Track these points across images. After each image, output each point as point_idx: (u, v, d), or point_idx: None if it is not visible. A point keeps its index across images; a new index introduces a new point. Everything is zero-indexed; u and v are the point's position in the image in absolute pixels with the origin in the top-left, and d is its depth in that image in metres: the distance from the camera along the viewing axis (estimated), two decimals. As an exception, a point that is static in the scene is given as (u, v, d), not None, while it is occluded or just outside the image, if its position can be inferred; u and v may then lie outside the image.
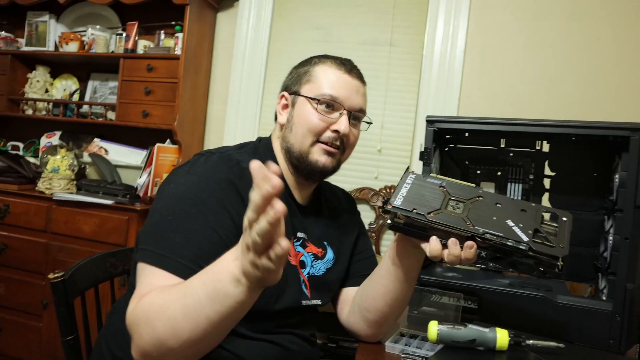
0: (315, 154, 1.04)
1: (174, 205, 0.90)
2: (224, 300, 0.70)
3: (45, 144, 2.71)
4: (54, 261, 2.24)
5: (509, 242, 0.81)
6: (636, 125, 1.00)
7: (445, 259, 0.85)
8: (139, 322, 0.77)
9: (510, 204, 0.89)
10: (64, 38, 2.56)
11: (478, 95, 2.21)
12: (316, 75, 1.07)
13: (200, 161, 0.97)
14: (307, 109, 1.05)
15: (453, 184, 0.94)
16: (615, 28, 2.03)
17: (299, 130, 1.05)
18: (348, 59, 1.11)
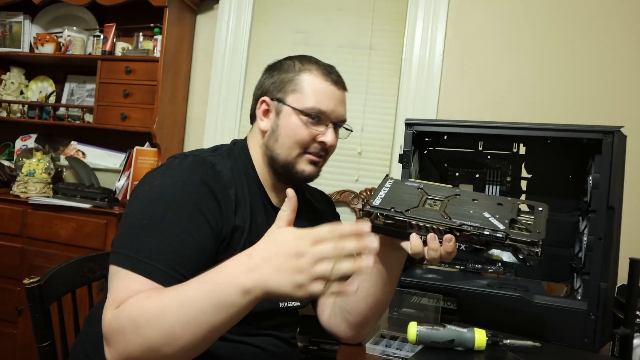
0: (301, 164, 1.06)
1: (149, 209, 0.88)
2: (230, 309, 0.71)
3: (21, 147, 2.66)
4: (29, 266, 2.20)
5: (485, 232, 0.82)
6: (608, 128, 1.02)
7: (426, 256, 0.86)
8: (125, 329, 0.74)
9: (487, 199, 0.91)
10: (40, 39, 2.51)
11: (456, 98, 2.24)
12: (303, 86, 1.06)
13: (175, 164, 0.96)
14: (294, 121, 1.04)
15: (431, 186, 0.95)
16: (588, 34, 2.08)
17: (285, 141, 1.04)
18: (332, 66, 1.11)
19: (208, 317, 0.71)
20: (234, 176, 1.00)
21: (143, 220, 0.87)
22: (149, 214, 0.88)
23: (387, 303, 1.05)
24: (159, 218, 0.87)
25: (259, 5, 2.53)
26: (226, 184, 0.96)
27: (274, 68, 1.12)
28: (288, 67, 1.09)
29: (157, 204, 0.89)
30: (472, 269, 1.27)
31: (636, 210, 1.90)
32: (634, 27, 2.03)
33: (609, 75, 2.05)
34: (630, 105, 2.02)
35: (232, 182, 0.98)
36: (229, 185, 0.96)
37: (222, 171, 0.97)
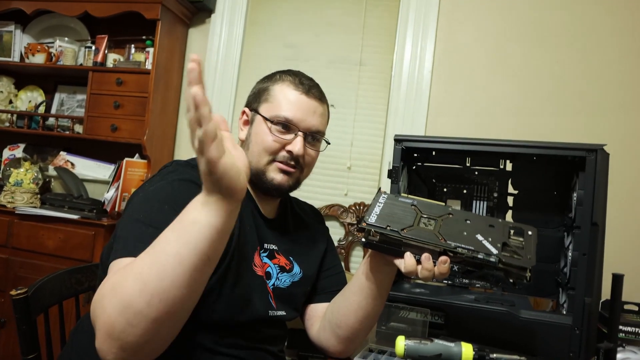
0: (271, 172, 1.06)
1: (145, 206, 0.88)
2: (192, 228, 0.68)
3: (8, 156, 2.64)
4: (14, 277, 2.17)
5: (479, 256, 0.83)
6: (591, 146, 1.05)
7: (419, 275, 0.86)
8: (104, 296, 0.70)
9: (479, 220, 0.92)
10: (31, 49, 2.51)
11: (445, 114, 2.27)
12: (274, 95, 1.07)
13: (168, 168, 0.99)
14: (262, 129, 1.06)
15: (424, 203, 0.96)
16: (573, 53, 2.13)
17: (255, 149, 1.06)
18: (309, 78, 1.11)
19: (172, 244, 0.68)
20: None
21: (139, 216, 0.86)
22: (145, 210, 0.87)
23: (376, 317, 1.06)
24: (155, 211, 0.86)
25: (250, 19, 2.55)
26: None
27: (259, 81, 1.15)
28: (267, 78, 1.12)
29: (153, 200, 0.89)
30: (459, 284, 1.28)
31: (619, 227, 1.94)
32: (617, 47, 2.08)
33: (594, 94, 2.09)
34: (612, 124, 2.06)
35: None
36: None
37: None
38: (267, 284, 1.06)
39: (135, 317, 0.67)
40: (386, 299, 1.04)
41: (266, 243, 1.09)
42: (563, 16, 2.15)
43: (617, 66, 2.08)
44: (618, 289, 1.07)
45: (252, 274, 1.02)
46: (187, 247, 0.67)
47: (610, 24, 2.09)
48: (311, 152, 1.09)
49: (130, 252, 0.78)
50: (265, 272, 1.06)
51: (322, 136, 1.11)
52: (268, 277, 1.07)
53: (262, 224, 1.09)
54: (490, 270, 0.84)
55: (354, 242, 2.29)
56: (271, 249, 1.09)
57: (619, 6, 2.09)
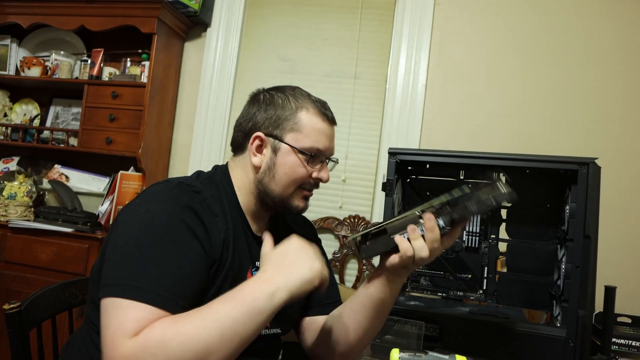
0: (296, 200, 1.07)
1: (143, 236, 0.87)
2: (259, 317, 0.80)
3: (2, 169, 2.63)
4: (6, 291, 2.16)
5: (453, 193, 0.86)
6: (584, 159, 1.06)
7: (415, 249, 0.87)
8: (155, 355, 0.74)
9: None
10: (26, 62, 2.52)
11: (439, 127, 2.28)
12: (302, 125, 1.04)
13: (160, 189, 0.96)
14: (293, 160, 1.04)
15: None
16: (565, 67, 2.16)
17: (283, 179, 1.04)
18: (324, 102, 1.10)
19: (240, 328, 0.78)
20: (217, 203, 1.00)
21: (140, 248, 0.85)
22: (143, 241, 0.86)
23: (375, 334, 1.06)
24: (155, 245, 0.85)
25: (246, 33, 2.58)
26: (213, 212, 0.96)
27: (264, 102, 1.09)
28: (283, 104, 1.07)
29: (150, 230, 0.87)
30: (454, 296, 1.29)
31: (611, 239, 1.95)
32: (609, 62, 2.11)
33: (585, 108, 2.12)
34: (604, 138, 2.08)
35: (219, 210, 0.98)
36: (215, 214, 0.96)
37: (208, 199, 0.97)
38: None
39: None
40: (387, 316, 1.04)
41: (257, 261, 1.07)
42: (556, 30, 2.18)
43: (610, 80, 2.11)
44: (611, 301, 1.08)
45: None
46: (251, 331, 0.80)
47: (604, 38, 2.13)
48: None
49: (136, 295, 0.79)
50: None
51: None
52: None
53: (254, 243, 1.08)
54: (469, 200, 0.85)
55: (348, 255, 2.29)
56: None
57: (612, 20, 2.12)
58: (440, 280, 1.29)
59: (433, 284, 1.30)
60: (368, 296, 0.99)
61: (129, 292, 0.80)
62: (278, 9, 2.54)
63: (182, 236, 0.88)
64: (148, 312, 0.78)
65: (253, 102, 1.11)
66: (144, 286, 0.80)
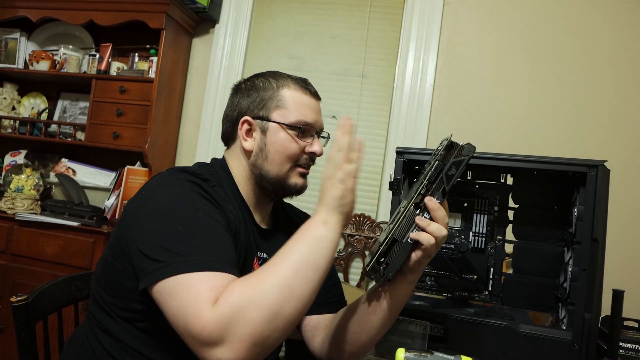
0: (293, 178, 1.07)
1: (175, 217, 0.86)
2: (321, 243, 0.82)
3: (10, 162, 2.65)
4: (12, 284, 2.17)
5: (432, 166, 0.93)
6: (592, 162, 1.05)
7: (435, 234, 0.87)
8: (244, 308, 0.73)
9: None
10: (35, 56, 2.53)
11: (446, 128, 2.28)
12: (286, 101, 1.07)
13: (167, 175, 0.96)
14: (283, 137, 1.05)
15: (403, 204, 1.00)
16: (574, 68, 2.14)
17: (276, 157, 1.05)
18: (305, 79, 1.14)
19: (310, 258, 0.80)
20: (226, 192, 1.02)
21: (178, 226, 0.84)
22: (178, 220, 0.85)
23: (384, 333, 1.06)
24: (192, 219, 0.85)
25: (254, 30, 2.57)
26: (223, 199, 0.98)
27: (247, 88, 1.11)
28: (264, 86, 1.10)
29: (179, 209, 0.87)
30: (459, 297, 1.28)
31: (619, 243, 1.94)
32: (619, 63, 2.09)
33: (594, 110, 2.11)
34: (613, 140, 2.07)
35: (226, 199, 1.00)
36: (227, 201, 0.99)
37: (216, 186, 0.99)
38: None
39: (282, 322, 0.75)
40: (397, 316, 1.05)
41: (260, 252, 1.09)
42: (564, 31, 2.17)
43: (619, 82, 2.09)
44: (618, 305, 1.07)
45: None
46: (320, 258, 0.81)
47: (613, 39, 2.11)
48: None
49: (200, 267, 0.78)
50: None
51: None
52: None
53: (256, 233, 1.09)
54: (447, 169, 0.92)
55: (353, 254, 2.29)
56: (264, 258, 1.09)
57: (621, 21, 2.11)
58: (446, 280, 1.29)
59: (438, 284, 1.30)
60: (389, 298, 0.98)
61: (190, 266, 0.78)
62: (286, 7, 2.54)
63: (211, 208, 0.90)
64: (218, 279, 0.77)
65: (236, 92, 1.14)
66: (204, 257, 0.80)
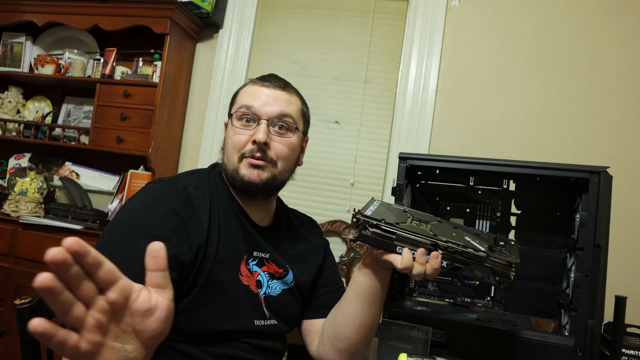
0: (242, 169, 1.05)
1: (116, 230, 0.93)
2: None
3: (14, 165, 2.66)
4: (15, 286, 2.17)
5: (469, 250, 0.86)
6: (595, 168, 1.06)
7: (413, 271, 0.87)
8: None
9: (466, 229, 0.98)
10: (40, 60, 2.54)
11: (448, 133, 2.28)
12: (239, 95, 1.13)
13: (148, 187, 1.01)
14: (230, 128, 1.10)
15: (415, 211, 1.02)
16: (576, 76, 2.15)
17: (228, 149, 1.09)
18: (274, 74, 1.16)
19: None
20: (207, 197, 1.03)
21: (108, 241, 0.91)
22: (113, 234, 0.92)
23: (375, 326, 1.06)
24: (122, 239, 0.90)
25: (258, 35, 2.59)
26: (196, 207, 0.99)
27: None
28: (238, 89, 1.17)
29: (124, 225, 0.93)
30: (461, 302, 1.28)
31: (622, 249, 1.93)
32: (621, 70, 2.10)
33: (597, 116, 2.11)
34: (616, 147, 2.07)
35: (204, 204, 1.01)
36: (198, 208, 1.00)
37: (193, 194, 1.01)
38: (258, 294, 1.06)
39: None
40: (382, 307, 1.05)
41: (256, 251, 1.09)
42: (567, 37, 2.17)
43: (622, 88, 2.09)
44: (621, 312, 1.07)
45: (238, 284, 1.02)
46: None
47: (616, 46, 2.12)
48: (281, 141, 1.07)
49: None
50: (255, 281, 1.06)
51: (292, 123, 1.09)
52: (259, 286, 1.07)
53: (253, 232, 1.09)
54: (478, 266, 0.87)
55: (355, 259, 2.29)
56: (261, 257, 1.09)
57: (624, 28, 2.11)
58: (448, 286, 1.29)
59: (440, 290, 1.30)
60: (360, 284, 1.00)
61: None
62: (290, 12, 2.55)
63: (150, 232, 0.90)
64: None
65: None
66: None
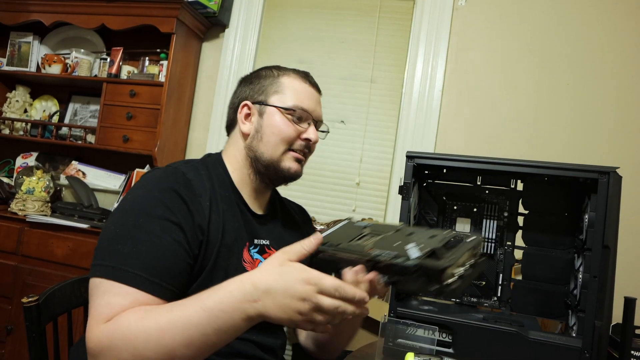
0: (287, 161, 1.09)
1: (122, 219, 0.91)
2: (232, 333, 0.77)
3: (21, 164, 2.67)
4: (22, 285, 2.18)
5: (397, 260, 0.78)
6: (604, 168, 1.05)
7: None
8: (118, 347, 0.76)
9: (423, 232, 0.88)
10: (47, 60, 2.55)
11: (454, 133, 2.27)
12: (284, 87, 1.11)
13: (149, 175, 1.00)
14: (278, 119, 1.08)
15: (379, 225, 0.95)
16: (583, 76, 2.13)
17: (271, 139, 1.08)
18: (307, 72, 1.17)
19: (211, 339, 0.76)
20: (206, 184, 1.02)
21: (116, 230, 0.89)
22: (121, 223, 0.90)
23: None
24: (131, 226, 0.89)
25: (264, 34, 2.59)
26: (197, 192, 0.98)
27: (250, 77, 1.17)
28: (266, 74, 1.14)
29: (129, 213, 0.91)
30: (467, 302, 1.28)
31: (631, 250, 1.92)
32: (629, 70, 2.08)
33: (605, 116, 2.09)
34: (626, 147, 2.06)
35: (204, 190, 1.00)
36: (199, 193, 0.98)
37: (193, 180, 0.99)
38: None
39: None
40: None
41: (257, 239, 1.10)
42: (574, 36, 2.16)
43: (630, 88, 2.08)
44: (630, 313, 1.06)
45: (242, 270, 1.02)
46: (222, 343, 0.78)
47: (623, 45, 2.10)
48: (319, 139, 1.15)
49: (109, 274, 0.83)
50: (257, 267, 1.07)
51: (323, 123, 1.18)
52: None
53: (252, 220, 1.10)
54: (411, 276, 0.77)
55: (361, 259, 2.29)
56: (262, 244, 1.10)
57: (632, 27, 2.10)
58: (455, 286, 1.28)
59: (447, 290, 1.29)
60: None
61: (104, 271, 0.83)
62: (296, 12, 2.55)
63: (158, 215, 0.90)
64: (121, 296, 0.81)
65: (241, 83, 1.19)
66: (117, 265, 0.83)
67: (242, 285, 0.76)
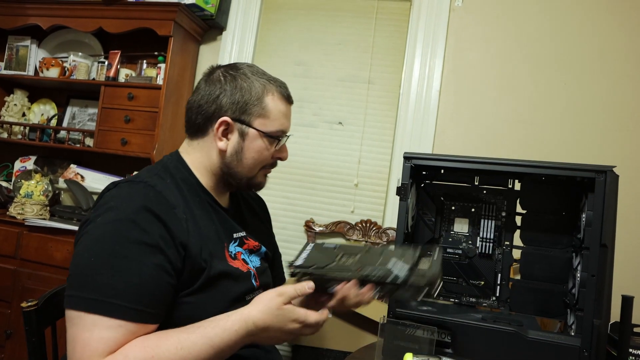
0: (259, 177, 1.13)
1: (96, 246, 0.87)
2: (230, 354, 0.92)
3: (19, 168, 2.67)
4: (21, 288, 2.18)
5: (388, 280, 0.94)
6: (601, 167, 1.05)
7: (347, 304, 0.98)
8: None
9: (391, 252, 1.04)
10: (45, 63, 2.55)
11: (452, 133, 2.28)
12: (269, 110, 1.06)
13: (113, 194, 0.95)
14: (260, 145, 1.08)
15: (345, 246, 1.09)
16: (580, 75, 2.14)
17: (250, 162, 1.08)
18: (283, 83, 1.13)
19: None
20: (176, 193, 1.00)
21: (90, 257, 0.86)
22: (95, 251, 0.87)
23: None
24: (107, 253, 0.86)
25: (261, 37, 2.59)
26: (170, 204, 0.95)
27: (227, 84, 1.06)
28: (248, 87, 1.06)
29: (103, 238, 0.88)
30: (466, 302, 1.28)
31: (628, 248, 1.92)
32: (626, 70, 2.09)
33: (602, 115, 2.10)
34: (622, 146, 2.06)
35: (177, 200, 0.98)
36: (172, 205, 0.95)
37: (163, 191, 0.96)
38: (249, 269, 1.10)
39: None
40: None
41: (235, 233, 1.12)
42: (571, 36, 2.17)
43: (627, 87, 2.08)
44: (628, 311, 1.07)
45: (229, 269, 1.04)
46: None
47: (620, 45, 2.11)
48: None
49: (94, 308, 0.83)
50: (241, 259, 1.10)
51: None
52: (246, 263, 1.11)
53: (226, 216, 1.11)
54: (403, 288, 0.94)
55: (360, 260, 2.29)
56: (240, 237, 1.13)
57: (628, 27, 2.10)
58: (453, 285, 1.29)
59: (445, 290, 1.30)
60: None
61: (87, 305, 0.83)
62: (293, 14, 2.56)
63: (134, 240, 0.88)
64: (113, 327, 0.82)
65: (212, 82, 1.08)
66: (98, 297, 0.83)
67: (246, 325, 0.90)
